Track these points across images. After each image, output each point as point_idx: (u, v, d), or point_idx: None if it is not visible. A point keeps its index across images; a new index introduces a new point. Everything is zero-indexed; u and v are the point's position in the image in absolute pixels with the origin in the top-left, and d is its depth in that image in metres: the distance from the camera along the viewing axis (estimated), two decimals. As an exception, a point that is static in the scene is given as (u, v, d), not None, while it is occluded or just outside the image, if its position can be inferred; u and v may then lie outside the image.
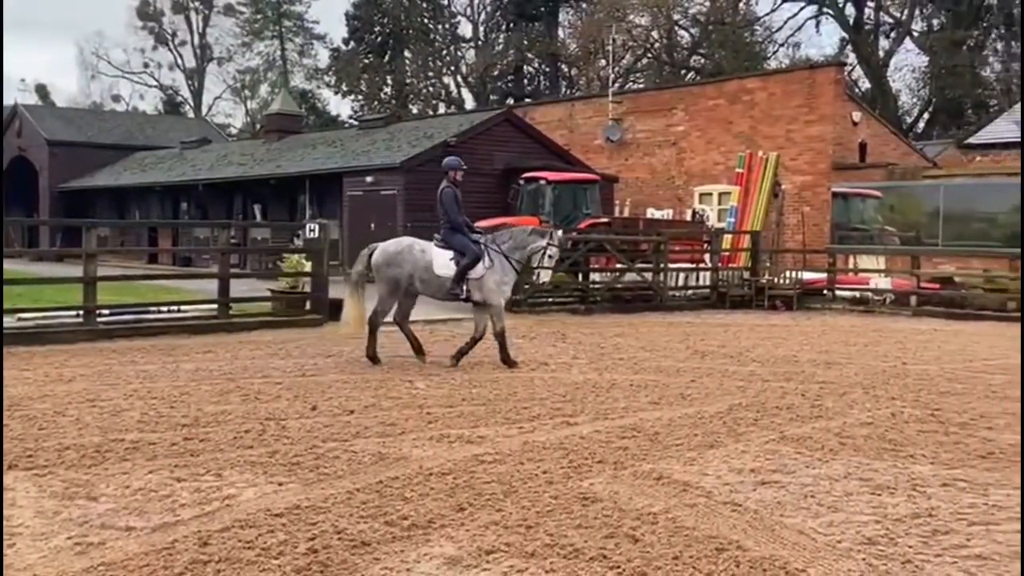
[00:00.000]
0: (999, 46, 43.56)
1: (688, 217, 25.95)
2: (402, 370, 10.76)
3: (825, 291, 21.77)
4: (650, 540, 4.96)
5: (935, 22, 46.90)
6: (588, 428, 7.75)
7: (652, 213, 27.54)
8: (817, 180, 25.61)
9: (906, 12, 47.21)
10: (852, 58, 47.22)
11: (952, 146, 31.83)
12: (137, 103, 71.33)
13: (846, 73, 41.36)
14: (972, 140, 28.62)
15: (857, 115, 26.67)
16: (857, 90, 45.52)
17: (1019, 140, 25.14)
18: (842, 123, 25.98)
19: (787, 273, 21.79)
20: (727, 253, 22.49)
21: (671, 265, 21.00)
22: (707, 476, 6.30)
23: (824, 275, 22.08)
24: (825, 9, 47.55)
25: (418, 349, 11.31)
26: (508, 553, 4.75)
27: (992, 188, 23.83)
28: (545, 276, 12.27)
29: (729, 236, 22.90)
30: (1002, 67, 41.51)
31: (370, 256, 11.20)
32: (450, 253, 11.08)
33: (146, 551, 4.71)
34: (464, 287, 11.03)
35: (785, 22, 49.82)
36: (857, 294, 21.35)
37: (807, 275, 21.76)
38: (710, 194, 25.89)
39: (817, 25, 49.01)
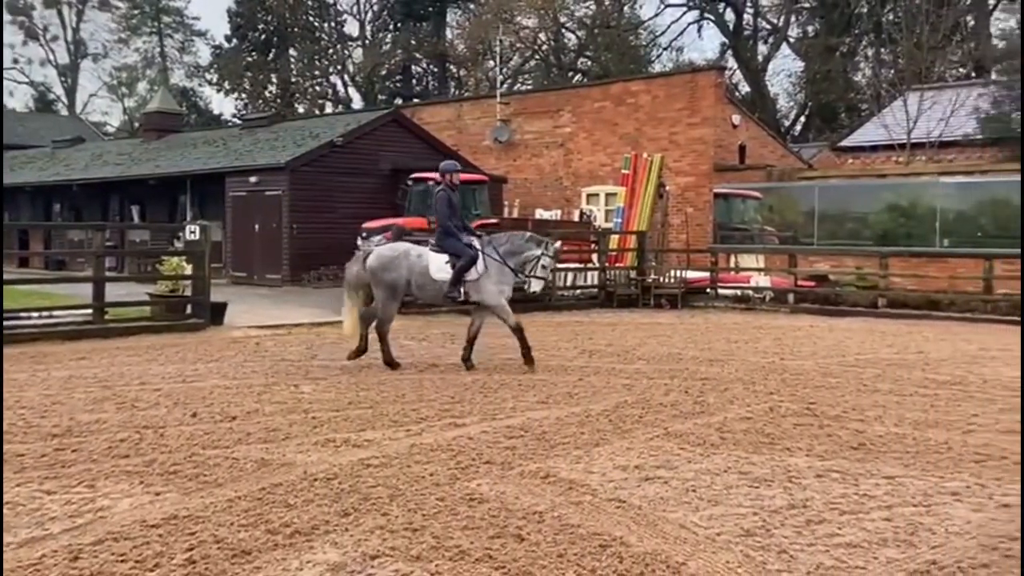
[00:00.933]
0: (869, 53, 45.32)
1: (576, 218, 26.23)
2: (287, 375, 10.57)
3: (708, 289, 22.32)
4: (536, 539, 5.00)
5: (810, 29, 48.57)
6: (476, 429, 7.75)
7: (541, 214, 27.76)
8: (699, 181, 26.24)
9: (783, 19, 48.77)
10: (733, 63, 48.61)
11: (826, 148, 33.05)
12: (6, 100, 68.24)
13: (726, 77, 42.54)
14: (844, 143, 29.77)
15: (737, 118, 27.43)
16: (737, 94, 46.84)
17: (886, 143, 26.26)
18: (723, 126, 26.68)
19: (672, 272, 22.26)
20: (614, 253, 22.82)
21: (559, 265, 21.18)
22: (593, 474, 6.38)
23: (707, 274, 22.64)
24: (706, 14, 48.77)
25: (360, 351, 11.11)
26: (393, 557, 4.72)
27: (863, 189, 24.83)
28: (536, 286, 11.46)
29: (616, 236, 23.24)
30: (872, 73, 43.20)
31: (365, 259, 11.21)
32: (445, 257, 11.10)
33: (12, 568, 4.50)
34: (461, 289, 11.11)
35: (668, 26, 51.01)
36: (738, 292, 21.96)
37: (691, 274, 22.27)
38: (597, 195, 26.22)
39: (699, 30, 50.36)
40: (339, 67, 55.80)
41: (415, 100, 47.91)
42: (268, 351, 12.53)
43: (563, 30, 50.31)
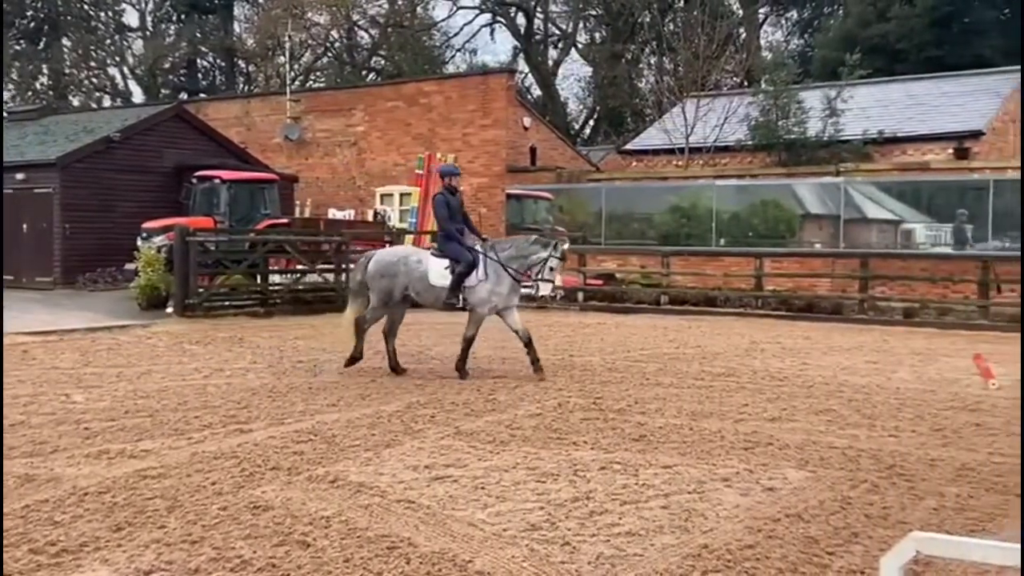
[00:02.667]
0: (652, 60, 47.38)
1: (370, 217, 26.03)
2: (57, 383, 9.92)
3: (501, 289, 22.64)
4: (322, 545, 4.91)
5: (597, 36, 50.29)
6: (263, 434, 7.54)
7: (334, 213, 27.37)
8: (492, 182, 26.62)
9: (571, 25, 50.23)
10: (525, 66, 49.62)
11: (614, 151, 34.27)
12: None
13: (518, 80, 43.42)
14: (630, 146, 30.94)
15: (528, 120, 28.02)
16: (530, 96, 47.86)
17: (668, 147, 27.52)
18: (514, 127, 27.19)
19: (466, 272, 22.42)
20: (408, 253, 22.78)
21: (353, 265, 20.95)
22: (383, 475, 6.34)
23: (500, 273, 22.95)
24: (498, 18, 49.54)
25: (395, 366, 11.01)
26: (169, 572, 4.52)
27: (647, 190, 25.93)
28: (545, 289, 11.01)
29: (411, 236, 23.23)
30: (655, 80, 45.21)
31: (367, 264, 11.00)
32: (445, 262, 10.80)
33: None
34: (460, 296, 10.80)
35: (461, 28, 51.40)
36: (531, 291, 22.40)
37: (484, 274, 22.52)
38: (391, 195, 26.14)
39: (492, 33, 50.95)
40: (118, 59, 52.94)
41: (201, 95, 46.13)
42: (37, 359, 11.72)
43: (356, 28, 49.80)
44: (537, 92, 50.04)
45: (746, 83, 34.03)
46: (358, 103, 29.69)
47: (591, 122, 51.90)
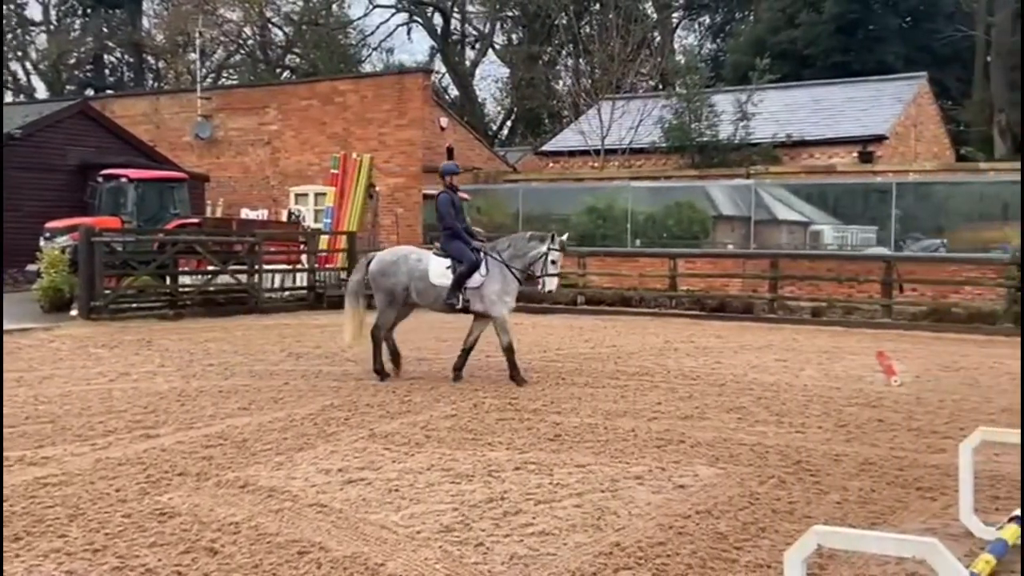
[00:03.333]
0: (569, 62, 47.75)
1: (284, 218, 25.67)
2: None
3: (418, 290, 22.57)
4: (230, 551, 4.82)
5: (514, 37, 50.48)
6: (171, 440, 7.38)
7: (246, 213, 26.91)
8: (409, 182, 26.51)
9: (488, 26, 50.33)
10: (442, 66, 49.55)
11: (531, 152, 34.45)
12: None
13: (435, 80, 43.28)
14: (546, 147, 31.15)
15: (444, 120, 27.95)
16: (447, 97, 47.81)
17: (584, 148, 27.77)
18: (431, 128, 27.10)
19: (382, 273, 22.30)
20: (324, 254, 22.56)
21: (266, 267, 20.65)
22: (295, 480, 6.26)
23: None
24: (415, 17, 49.36)
25: (396, 363, 10.91)
26: (70, 582, 4.38)
27: (564, 191, 26.13)
28: (551, 284, 10.70)
29: (326, 237, 22.99)
30: (571, 81, 45.54)
31: (368, 265, 10.77)
32: (447, 261, 10.54)
33: None
34: (461, 297, 10.50)
35: (378, 27, 51.08)
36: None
37: (401, 274, 22.42)
38: (306, 195, 25.84)
39: (408, 32, 50.83)
40: (20, 53, 51.26)
41: (108, 92, 44.95)
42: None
43: (269, 25, 49.10)
44: (454, 92, 50.04)
45: (660, 86, 34.56)
46: (272, 101, 29.27)
47: (508, 123, 52.10)
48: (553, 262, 10.56)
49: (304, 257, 21.99)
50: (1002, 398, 9.94)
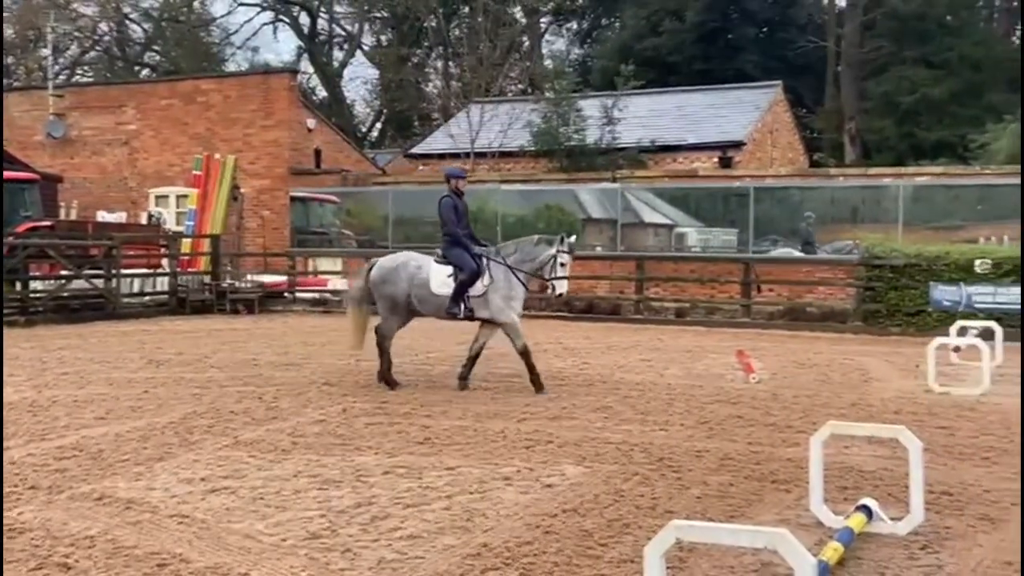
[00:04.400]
0: (439, 65, 47.74)
1: (143, 220, 24.82)
2: None
3: (286, 293, 22.25)
4: (85, 566, 4.65)
5: (383, 38, 50.15)
6: (21, 452, 7.05)
7: (103, 216, 25.88)
8: (275, 184, 26.01)
9: (357, 27, 49.85)
10: (310, 67, 48.78)
11: (401, 155, 34.29)
12: None
13: (303, 80, 42.63)
14: (416, 150, 31.06)
15: (312, 122, 27.56)
16: (315, 98, 47.11)
17: (453, 151, 27.81)
18: (298, 129, 26.66)
19: (249, 276, 21.88)
20: (187, 257, 21.97)
21: (125, 271, 19.94)
22: (154, 490, 6.07)
23: (285, 277, 22.54)
24: (281, 16, 48.47)
25: (389, 375, 10.55)
26: (-92, 607, 4.15)
27: (434, 194, 25.99)
28: (561, 287, 10.46)
29: (188, 240, 22.38)
30: (442, 84, 45.56)
31: (369, 271, 10.52)
32: (448, 269, 10.21)
33: None
34: (463, 306, 10.18)
35: (242, 25, 49.90)
36: (317, 295, 22.11)
37: (268, 278, 22.06)
38: (167, 197, 25.05)
39: (274, 31, 49.79)
40: None
41: (-48, 87, 42.53)
42: None
43: (127, 21, 47.38)
44: (323, 93, 49.36)
45: (530, 90, 34.94)
46: (130, 100, 28.24)
47: (378, 125, 51.71)
48: (562, 265, 10.32)
49: (165, 261, 21.35)
50: (852, 393, 10.45)
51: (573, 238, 10.93)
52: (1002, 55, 36.54)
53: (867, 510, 5.32)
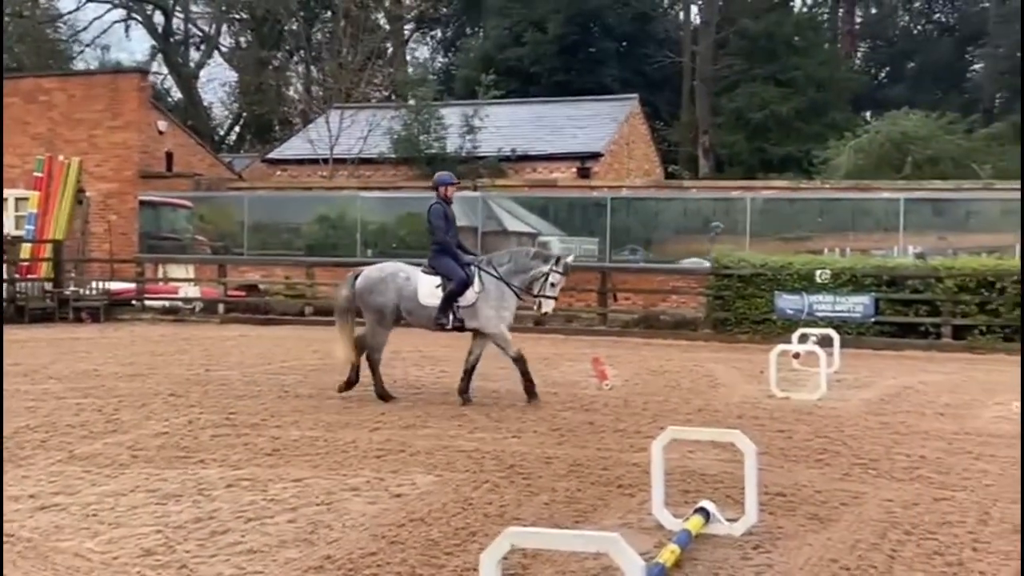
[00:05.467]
0: (300, 69, 46.96)
1: (-20, 224, 23.52)
2: None
3: (134, 301, 21.46)
4: None
5: (242, 40, 49.01)
6: None
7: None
8: (123, 188, 25.05)
9: (214, 27, 48.56)
10: (164, 67, 47.24)
11: (258, 160, 33.55)
12: None
13: (156, 81, 41.28)
14: (274, 155, 30.47)
15: (163, 124, 26.67)
16: (170, 99, 45.66)
17: (313, 157, 27.43)
18: (148, 131, 25.75)
19: (94, 283, 21.00)
20: (26, 263, 20.92)
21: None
22: (-24, 510, 5.74)
23: (133, 285, 21.74)
24: (133, 15, 46.77)
25: (351, 383, 10.26)
26: None
27: (294, 200, 25.68)
28: (547, 306, 10.16)
29: (28, 245, 21.32)
30: (303, 89, 44.82)
31: (355, 280, 10.19)
32: (437, 280, 9.97)
33: None
34: (452, 316, 9.90)
35: (91, 22, 47.87)
36: (167, 303, 21.40)
37: (115, 285, 21.23)
38: (6, 199, 23.78)
39: (127, 30, 47.97)
40: None
41: None
42: None
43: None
44: (178, 95, 47.86)
45: (392, 97, 34.74)
46: (-35, 97, 26.71)
47: (237, 129, 50.48)
48: (553, 284, 10.10)
49: (3, 267, 20.28)
50: (699, 399, 10.77)
51: (571, 258, 10.81)
52: (844, 75, 38.52)
53: (705, 512, 5.49)
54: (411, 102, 27.91)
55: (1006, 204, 19.98)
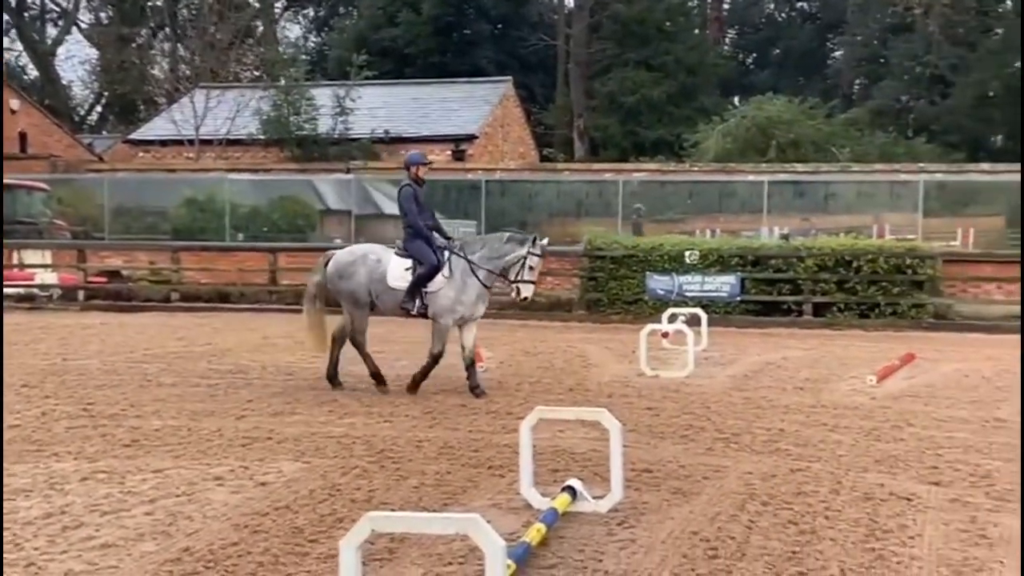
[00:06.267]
0: (165, 47, 45.32)
1: None
2: None
3: (-13, 289, 20.41)
4: None
5: (103, 16, 47.03)
6: None
7: None
8: (-26, 170, 23.76)
9: (72, 2, 46.45)
10: (19, 44, 44.95)
11: (121, 141, 32.31)
12: None
13: (12, 59, 39.23)
14: (137, 136, 29.39)
15: (16, 103, 25.43)
16: (25, 77, 43.50)
17: (177, 138, 26.57)
18: (-1, 110, 24.53)
19: (-59, 271, 19.89)
20: None
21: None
22: None
23: (-14, 272, 20.68)
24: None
25: (333, 374, 9.97)
26: None
27: (159, 183, 24.82)
28: (527, 290, 9.61)
29: None
30: (168, 68, 43.27)
31: (326, 265, 9.86)
32: (407, 262, 9.61)
33: None
34: (418, 301, 9.56)
35: (-65, -6, 45.11)
36: (22, 291, 20.44)
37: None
38: None
39: (-22, 3, 45.40)
40: None
41: None
42: None
43: None
44: (34, 73, 45.66)
45: (264, 77, 33.89)
46: None
47: (98, 108, 48.50)
48: (531, 268, 9.64)
49: None
50: (571, 378, 10.91)
51: (546, 240, 10.28)
52: (712, 61, 39.47)
53: (572, 491, 5.55)
54: (281, 82, 27.26)
55: (862, 186, 20.94)
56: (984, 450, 7.25)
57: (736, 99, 37.45)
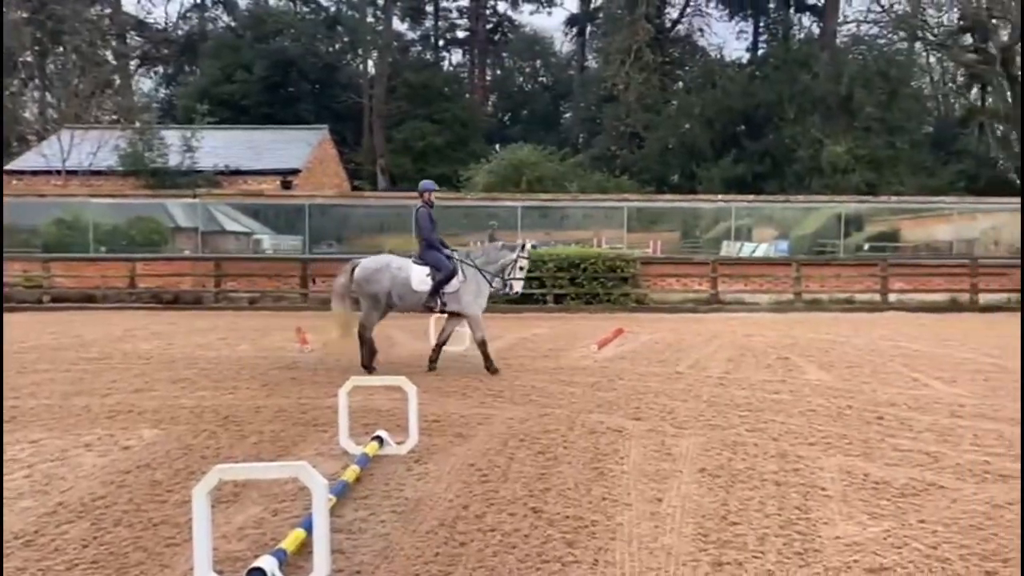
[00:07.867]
0: (35, 95, 40.71)
1: None
2: None
3: None
4: None
5: None
6: None
7: None
8: None
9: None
10: None
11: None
12: None
13: None
14: (12, 167, 26.23)
15: None
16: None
17: (46, 169, 24.04)
18: None
19: None
20: None
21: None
22: None
23: None
24: None
25: (369, 362, 9.09)
26: None
27: (32, 207, 22.29)
28: (517, 287, 9.23)
29: None
30: (38, 112, 38.96)
31: (352, 270, 9.16)
32: (427, 269, 9.09)
33: None
34: (439, 300, 9.09)
35: None
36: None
37: None
38: None
39: None
40: None
41: None
42: None
43: None
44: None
45: (122, 120, 31.19)
46: None
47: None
48: (521, 268, 9.29)
49: None
50: (380, 355, 10.71)
51: (530, 245, 9.83)
52: (479, 118, 40.05)
53: (379, 439, 5.50)
54: (136, 124, 25.18)
55: (586, 210, 21.93)
56: (669, 394, 7.80)
57: (497, 146, 38.14)
